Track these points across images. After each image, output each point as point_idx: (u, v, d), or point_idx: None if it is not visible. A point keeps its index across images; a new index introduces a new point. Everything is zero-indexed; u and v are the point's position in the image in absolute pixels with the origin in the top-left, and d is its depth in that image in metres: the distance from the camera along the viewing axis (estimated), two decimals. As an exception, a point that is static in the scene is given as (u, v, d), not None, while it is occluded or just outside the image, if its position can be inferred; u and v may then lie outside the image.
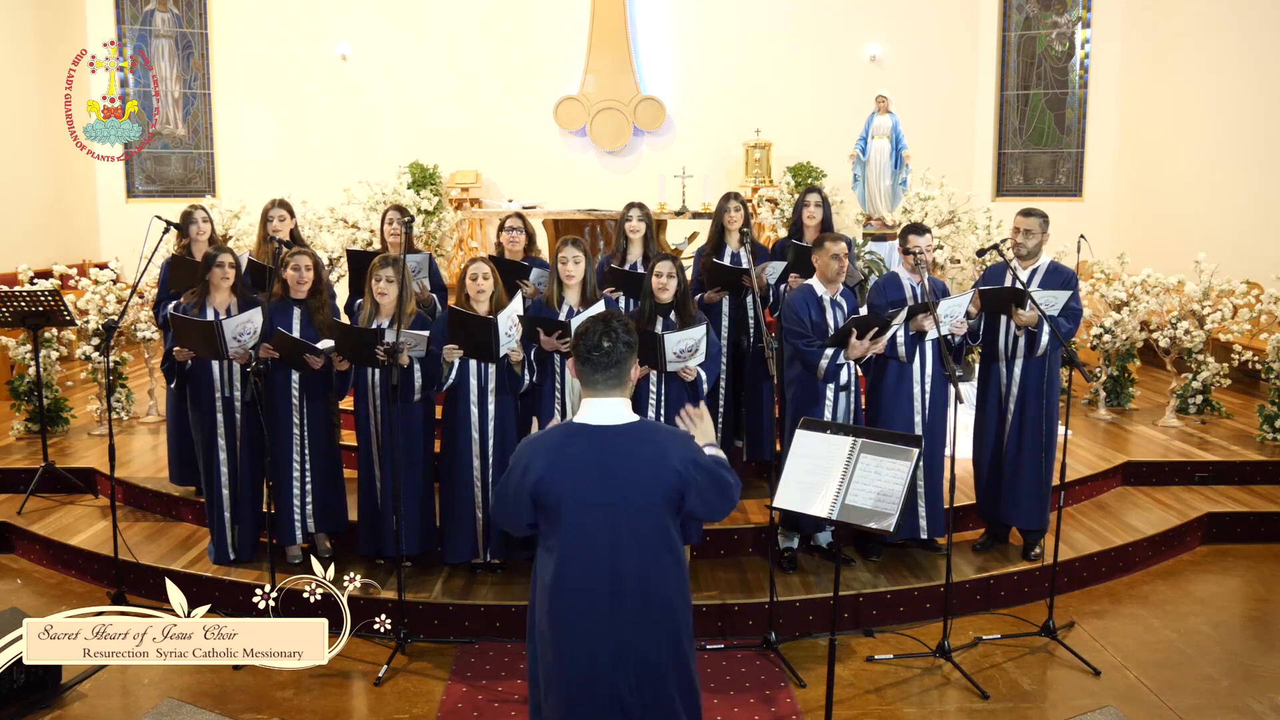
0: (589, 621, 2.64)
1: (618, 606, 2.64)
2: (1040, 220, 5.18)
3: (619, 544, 2.63)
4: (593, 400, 2.73)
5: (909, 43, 11.91)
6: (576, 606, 2.64)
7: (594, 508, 2.63)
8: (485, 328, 4.73)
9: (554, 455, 2.67)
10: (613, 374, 2.70)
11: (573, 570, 2.65)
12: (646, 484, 2.64)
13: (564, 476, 2.64)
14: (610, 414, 2.71)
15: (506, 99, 12.01)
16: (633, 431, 2.69)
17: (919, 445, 3.49)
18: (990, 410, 5.33)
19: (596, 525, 2.63)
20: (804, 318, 5.03)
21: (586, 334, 2.71)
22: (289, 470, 5.11)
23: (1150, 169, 11.09)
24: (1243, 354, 7.61)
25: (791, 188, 10.76)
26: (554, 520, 2.67)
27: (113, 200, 12.00)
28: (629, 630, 2.64)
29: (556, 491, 2.64)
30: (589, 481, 2.63)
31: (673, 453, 2.67)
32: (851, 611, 4.93)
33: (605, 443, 2.66)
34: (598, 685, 2.64)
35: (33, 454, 6.65)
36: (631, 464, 2.65)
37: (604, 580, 2.63)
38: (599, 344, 2.68)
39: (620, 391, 2.73)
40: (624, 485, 2.63)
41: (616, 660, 2.64)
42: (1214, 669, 4.55)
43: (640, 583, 2.65)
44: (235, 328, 4.85)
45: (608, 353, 2.68)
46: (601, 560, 2.63)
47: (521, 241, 5.88)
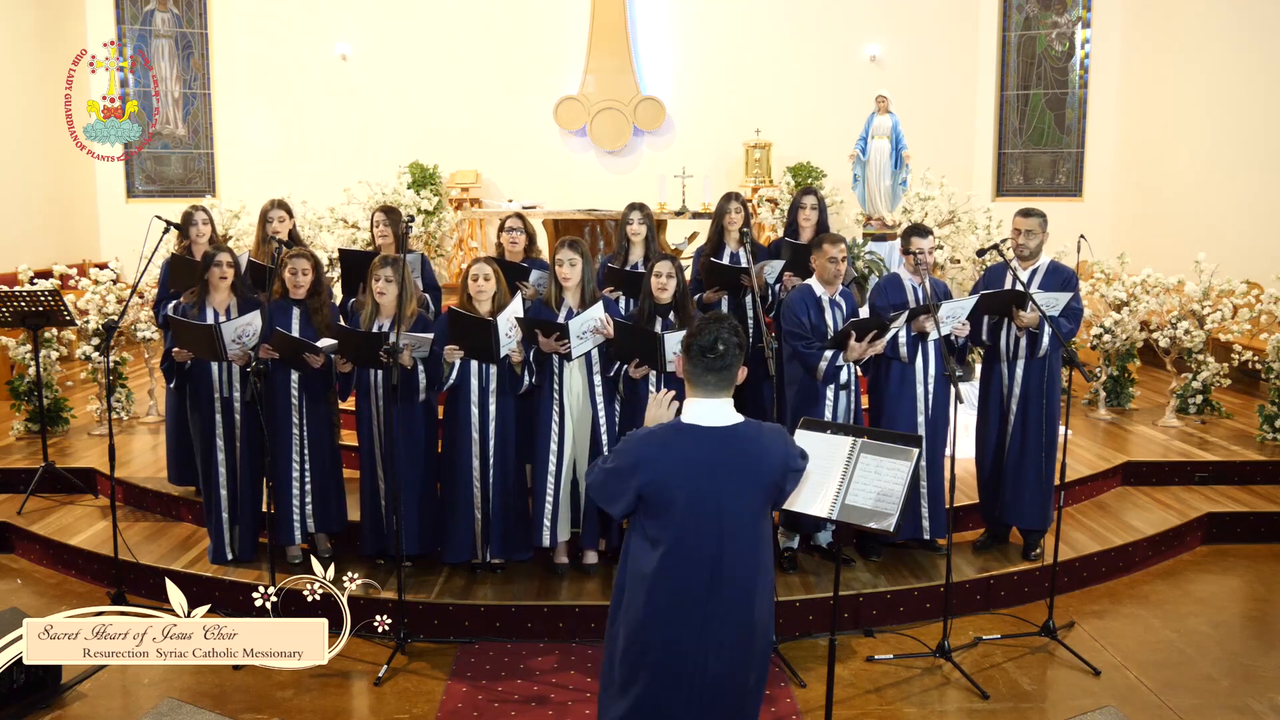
0: (687, 611, 2.74)
1: (717, 598, 2.74)
2: (1040, 220, 5.19)
3: (724, 542, 2.72)
4: (701, 400, 2.77)
5: (909, 43, 11.91)
6: (677, 598, 2.74)
7: (703, 507, 2.71)
8: (484, 329, 4.73)
9: (665, 455, 2.73)
10: (724, 376, 2.76)
11: (678, 565, 2.73)
12: (752, 484, 2.75)
13: (675, 477, 2.71)
14: (719, 415, 2.76)
15: (506, 99, 12.02)
16: (739, 433, 2.77)
17: (919, 445, 3.49)
18: (992, 411, 5.33)
19: (704, 524, 2.71)
20: (803, 319, 5.03)
21: (700, 334, 2.75)
22: (289, 470, 5.11)
23: (1150, 169, 11.09)
24: (1243, 354, 7.61)
25: (791, 188, 10.77)
26: (662, 518, 2.74)
27: (113, 200, 12.01)
28: (722, 618, 2.75)
29: (667, 491, 2.71)
30: (699, 482, 2.70)
31: (777, 451, 2.79)
32: (851, 611, 4.93)
33: (713, 443, 2.73)
34: (688, 667, 2.75)
35: (33, 454, 6.65)
36: (739, 464, 2.74)
37: (705, 575, 2.73)
38: (713, 345, 2.73)
39: (727, 393, 2.79)
40: (733, 486, 2.72)
41: (710, 647, 2.74)
42: (1214, 669, 4.54)
43: (737, 576, 2.75)
44: (234, 330, 4.85)
45: (721, 355, 2.73)
46: (706, 556, 2.72)
47: (521, 242, 5.87)
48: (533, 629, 4.86)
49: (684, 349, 2.79)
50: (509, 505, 5.07)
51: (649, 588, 2.75)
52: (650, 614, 2.76)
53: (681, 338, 4.67)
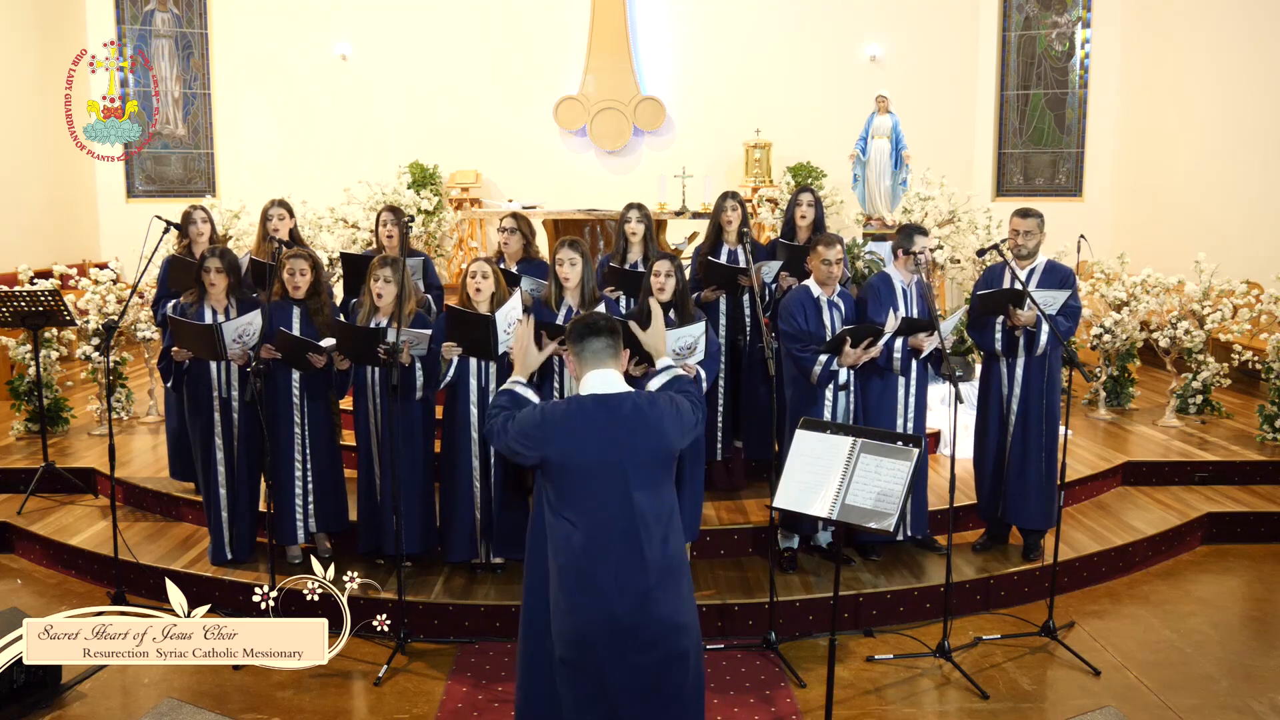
0: (609, 576, 2.89)
1: (637, 556, 2.90)
2: (1038, 220, 5.21)
3: (632, 504, 2.91)
4: (593, 373, 3.02)
5: (909, 43, 11.91)
6: (596, 565, 2.90)
7: (606, 473, 2.92)
8: (482, 325, 4.73)
9: (564, 424, 2.93)
10: (610, 340, 3.03)
11: (590, 533, 2.91)
12: (652, 446, 2.96)
13: (575, 445, 2.91)
14: (610, 383, 3.01)
15: (507, 99, 12.02)
16: (631, 398, 2.99)
17: (919, 445, 3.50)
18: (992, 410, 5.33)
19: (609, 490, 2.92)
20: (800, 321, 5.04)
21: (576, 320, 3.08)
22: (289, 470, 5.10)
23: (1150, 169, 11.09)
24: (1243, 354, 7.61)
25: (791, 188, 10.77)
26: (565, 485, 2.95)
27: (113, 200, 12.00)
28: (653, 583, 2.91)
29: (570, 459, 2.92)
30: (599, 447, 2.91)
31: (665, 408, 3.01)
32: (851, 611, 4.93)
33: (610, 410, 2.95)
34: (617, 638, 2.89)
35: (33, 454, 6.65)
36: (635, 425, 2.95)
37: (617, 538, 2.91)
38: (593, 317, 3.06)
39: (615, 364, 3.04)
40: (631, 448, 2.93)
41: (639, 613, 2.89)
42: (1214, 669, 4.54)
43: (653, 541, 2.93)
44: (235, 330, 4.85)
45: (606, 323, 3.03)
46: (616, 522, 2.91)
47: (516, 242, 5.80)
48: (533, 629, 4.85)
49: (569, 335, 3.05)
50: (509, 504, 5.07)
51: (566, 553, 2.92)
52: (572, 579, 2.91)
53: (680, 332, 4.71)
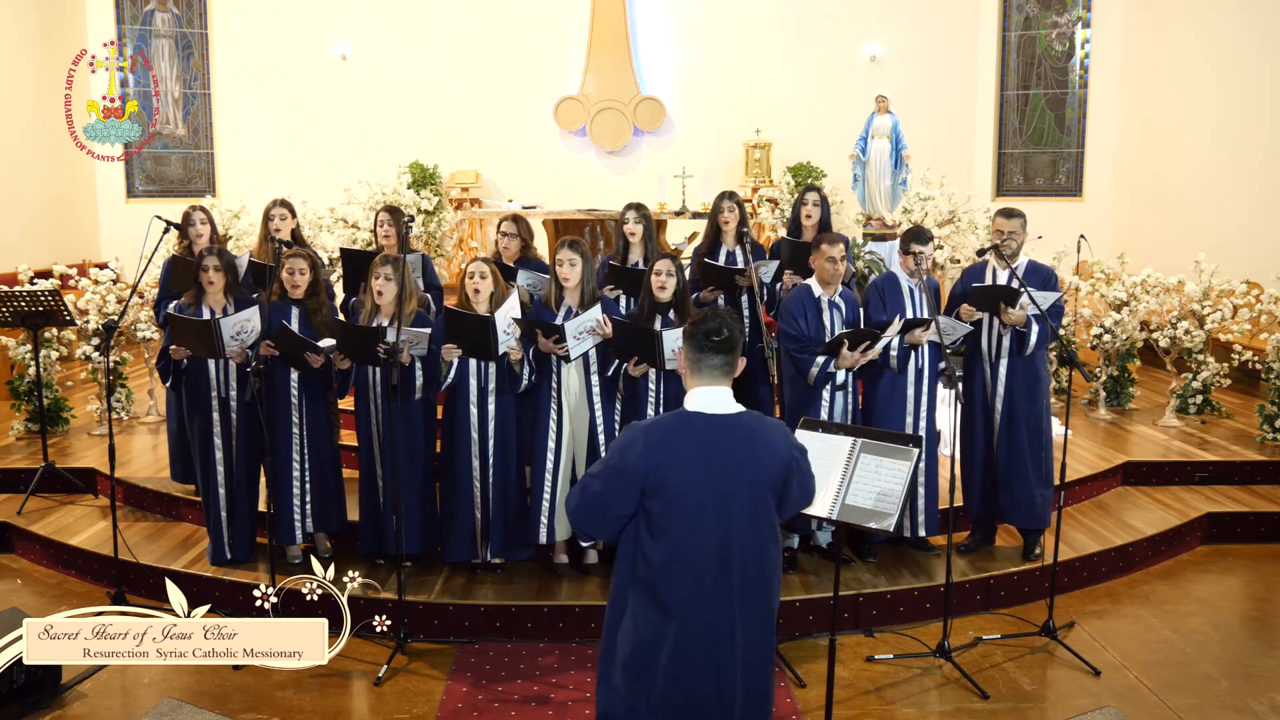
0: (697, 603, 2.72)
1: (725, 590, 2.72)
2: (1022, 220, 5.23)
3: (730, 529, 2.72)
4: (703, 389, 2.79)
5: (909, 43, 11.91)
6: (686, 589, 2.72)
7: (707, 495, 2.71)
8: (481, 325, 4.73)
9: (668, 443, 2.74)
10: (729, 359, 2.78)
11: (686, 554, 2.72)
12: (756, 473, 2.75)
13: (678, 464, 2.71)
14: (720, 403, 2.78)
15: (506, 99, 12.02)
16: (743, 422, 2.78)
17: (919, 445, 3.50)
18: (976, 412, 5.32)
19: (708, 513, 2.71)
20: (800, 322, 5.04)
21: (705, 320, 2.79)
22: (289, 470, 5.10)
23: (1150, 169, 11.09)
24: (1243, 354, 7.61)
25: (791, 188, 10.77)
26: (666, 506, 2.72)
27: (113, 200, 12.00)
28: (736, 613, 2.74)
29: (671, 479, 2.71)
30: (702, 470, 2.71)
31: (778, 442, 2.80)
32: (851, 611, 4.93)
33: (717, 431, 2.74)
34: (703, 662, 2.73)
35: (33, 454, 6.65)
36: (745, 451, 2.74)
37: (714, 564, 2.72)
38: (719, 329, 2.76)
39: (729, 381, 2.81)
40: (735, 474, 2.72)
41: (723, 643, 2.73)
42: (1214, 669, 4.54)
43: (744, 566, 2.74)
44: (233, 326, 4.85)
45: (727, 338, 2.76)
46: (713, 545, 2.71)
47: (515, 246, 5.82)
48: (533, 629, 4.86)
49: (687, 336, 2.81)
50: (508, 504, 5.07)
51: (660, 578, 2.73)
52: (664, 606, 2.72)
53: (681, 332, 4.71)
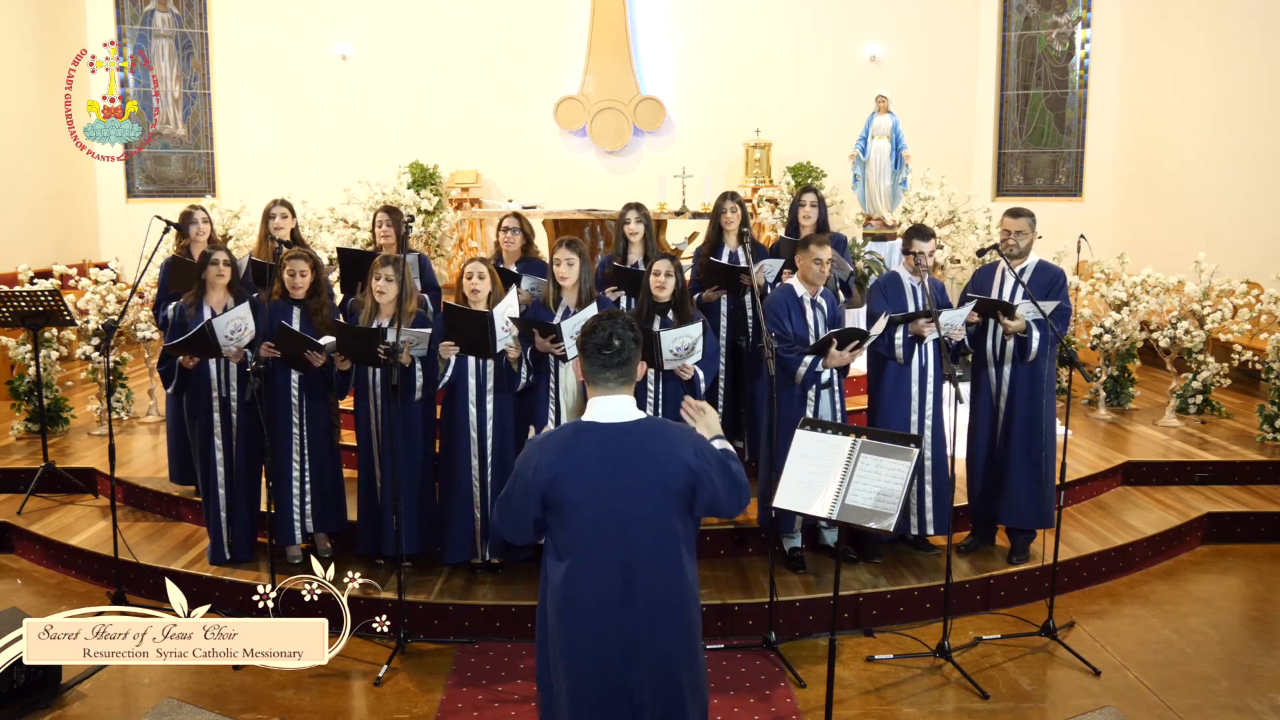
0: (602, 620, 2.63)
1: (630, 605, 2.63)
2: (1029, 220, 5.22)
3: (631, 542, 2.63)
4: (601, 398, 2.72)
5: (909, 43, 11.90)
6: (589, 606, 2.64)
7: (606, 505, 2.63)
8: (479, 321, 4.73)
9: (565, 454, 2.66)
10: (623, 371, 2.70)
11: (585, 569, 2.64)
12: (658, 481, 2.64)
13: (575, 475, 2.63)
14: (618, 411, 2.70)
15: (506, 99, 12.01)
16: (642, 428, 2.70)
17: (919, 445, 3.50)
18: (982, 414, 5.32)
19: (609, 524, 2.62)
20: (783, 321, 5.04)
21: (595, 331, 2.70)
22: (289, 470, 5.10)
23: (1150, 169, 11.08)
24: (1243, 354, 7.61)
25: (791, 188, 10.76)
26: (565, 519, 2.65)
27: (113, 200, 11.99)
28: (642, 629, 2.63)
29: (569, 490, 2.63)
30: (600, 479, 2.63)
31: (683, 448, 2.68)
32: (851, 611, 4.93)
33: (615, 440, 2.66)
34: (611, 683, 2.64)
35: (33, 454, 6.65)
36: (642, 461, 2.65)
37: (617, 579, 2.63)
38: (608, 341, 2.68)
39: (627, 389, 2.73)
40: (635, 483, 2.63)
41: (629, 659, 2.63)
42: (1214, 669, 4.54)
43: (652, 581, 2.64)
44: (227, 325, 4.85)
45: (618, 350, 2.68)
46: (614, 559, 2.63)
47: (517, 241, 5.83)
48: (532, 629, 4.80)
49: (579, 347, 2.73)
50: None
51: (561, 597, 2.66)
52: (564, 625, 2.65)
53: (680, 332, 4.71)
